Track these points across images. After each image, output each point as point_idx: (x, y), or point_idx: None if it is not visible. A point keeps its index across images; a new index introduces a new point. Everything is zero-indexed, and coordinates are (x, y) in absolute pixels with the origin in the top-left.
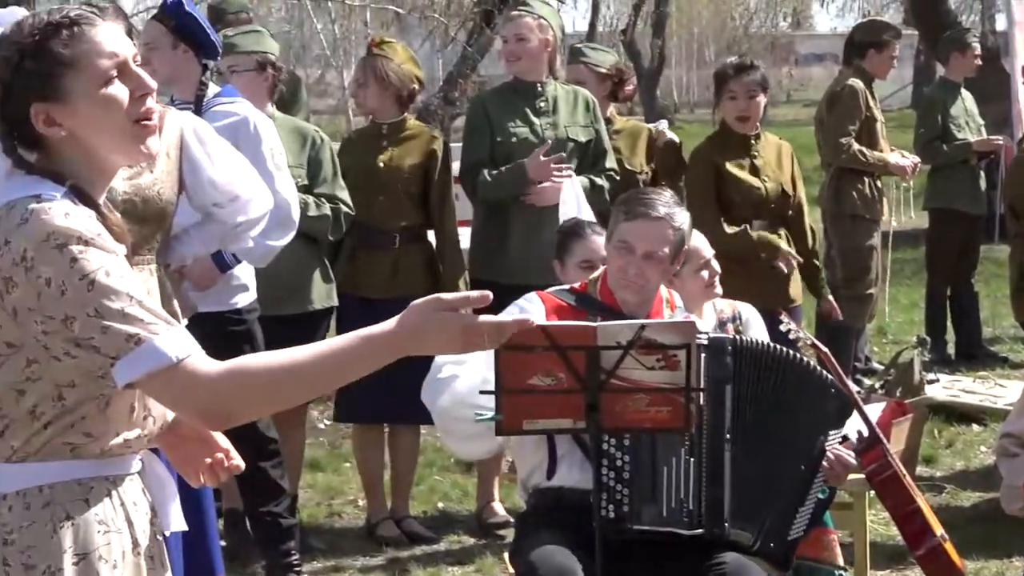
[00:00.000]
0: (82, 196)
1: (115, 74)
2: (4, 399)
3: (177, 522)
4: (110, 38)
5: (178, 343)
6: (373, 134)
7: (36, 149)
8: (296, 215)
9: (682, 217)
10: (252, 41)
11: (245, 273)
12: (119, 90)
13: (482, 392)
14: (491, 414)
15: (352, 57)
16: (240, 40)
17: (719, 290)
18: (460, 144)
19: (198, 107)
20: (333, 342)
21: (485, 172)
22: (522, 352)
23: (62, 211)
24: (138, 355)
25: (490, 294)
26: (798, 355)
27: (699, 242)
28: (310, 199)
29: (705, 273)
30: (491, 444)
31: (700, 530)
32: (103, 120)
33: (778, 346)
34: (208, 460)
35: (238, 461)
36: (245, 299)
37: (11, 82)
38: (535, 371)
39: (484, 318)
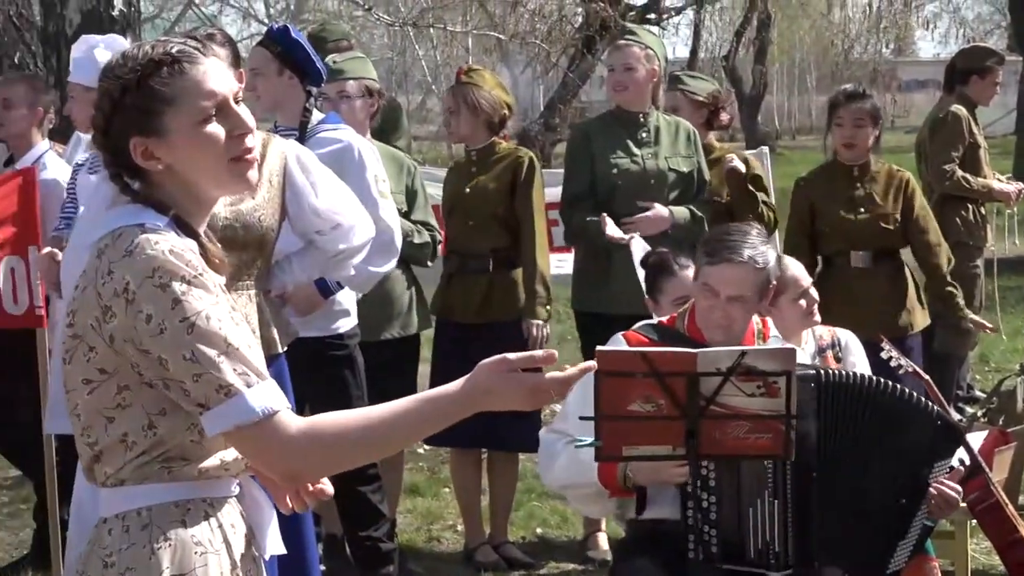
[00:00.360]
0: (183, 226)
1: (213, 113)
2: (94, 425)
3: (275, 546)
4: (210, 76)
5: (268, 398)
6: (466, 161)
7: (138, 178)
8: (399, 242)
9: (766, 256)
10: (359, 67)
11: (347, 299)
12: (216, 129)
13: (582, 418)
14: (590, 439)
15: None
16: (349, 66)
17: (818, 318)
18: (557, 170)
19: (302, 134)
20: (402, 405)
21: (580, 211)
22: (622, 378)
23: (167, 245)
24: (229, 407)
25: (555, 353)
26: (896, 386)
27: (797, 271)
28: (414, 227)
29: (803, 302)
30: (610, 505)
31: (788, 571)
32: (200, 157)
33: (868, 377)
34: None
35: (326, 487)
36: (346, 324)
37: (112, 115)
38: (635, 397)
39: (551, 375)
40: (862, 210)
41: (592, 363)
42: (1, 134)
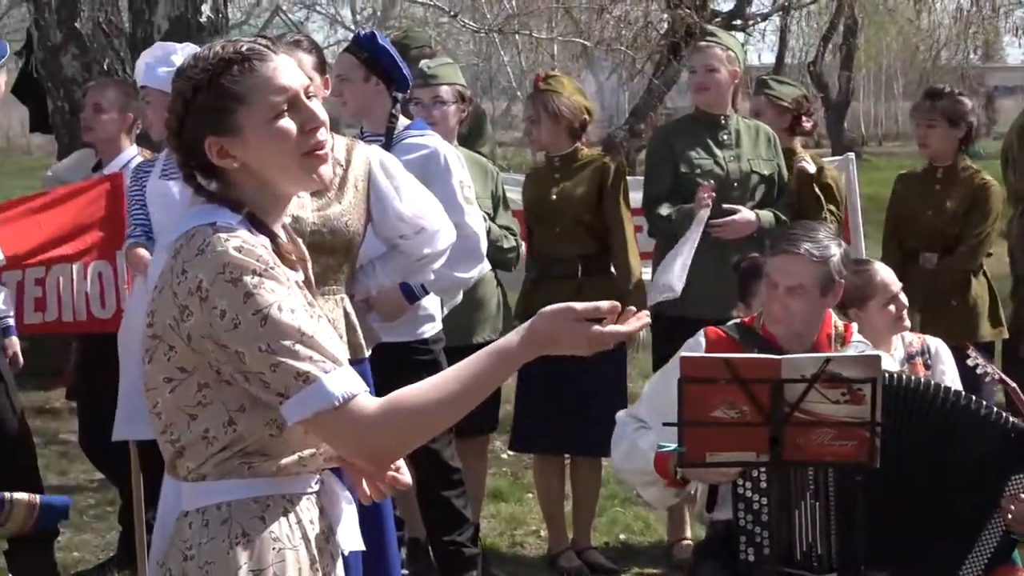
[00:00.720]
0: (258, 223)
1: (285, 108)
2: (177, 422)
3: (354, 542)
4: (281, 72)
5: (346, 382)
6: (548, 167)
7: (213, 178)
8: (484, 248)
9: (826, 250)
10: (451, 72)
11: (432, 304)
12: (288, 124)
13: (665, 424)
14: (673, 445)
15: None
16: (443, 71)
17: (907, 323)
18: (642, 177)
19: (388, 140)
20: (471, 363)
21: (661, 208)
22: (705, 384)
23: (237, 242)
24: (308, 394)
25: (618, 304)
26: (965, 396)
27: (887, 276)
28: (501, 232)
29: (892, 307)
30: (672, 495)
31: (832, 574)
32: (273, 153)
33: (935, 384)
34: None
35: (404, 476)
36: (431, 329)
37: (185, 116)
38: (718, 403)
39: (610, 328)
40: (931, 211)
41: (645, 314)
42: (91, 138)
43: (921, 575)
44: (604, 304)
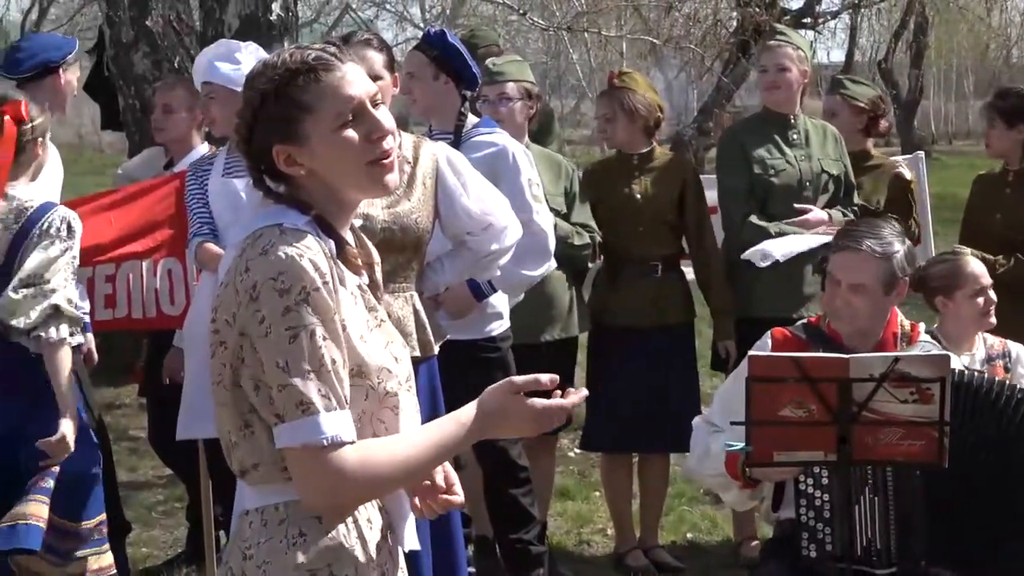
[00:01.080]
0: (325, 226)
1: (350, 118)
2: (232, 426)
3: (411, 540)
4: (347, 81)
5: (341, 426)
6: (624, 165)
7: (282, 182)
8: (552, 246)
9: (888, 248)
10: (518, 70)
11: (499, 301)
12: (353, 133)
13: (733, 423)
14: (740, 444)
15: None
16: (509, 68)
17: (993, 320)
18: (710, 175)
19: (457, 137)
20: (435, 429)
21: (754, 218)
22: (773, 383)
23: (301, 251)
24: (302, 424)
25: (557, 378)
26: None
27: (977, 268)
28: (572, 229)
29: (981, 300)
30: (748, 499)
31: (893, 568)
32: (338, 161)
33: (1001, 382)
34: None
35: (456, 497)
36: (499, 327)
37: (254, 124)
38: (786, 402)
39: (553, 402)
40: (999, 214)
41: (583, 392)
42: (162, 139)
43: (987, 573)
44: (544, 377)
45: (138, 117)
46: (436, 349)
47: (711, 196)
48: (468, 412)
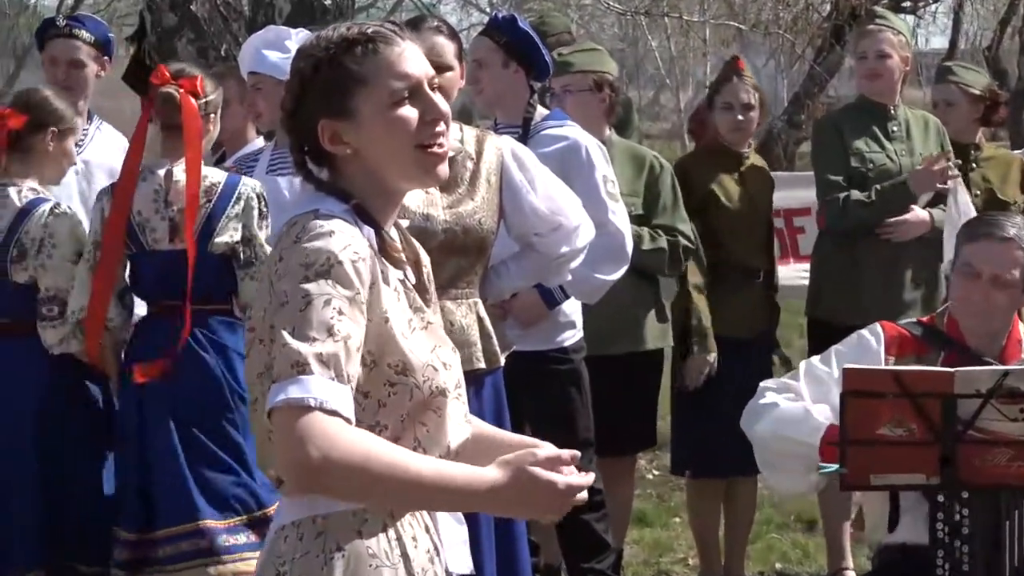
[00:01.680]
0: (365, 216)
1: (406, 95)
2: (264, 427)
3: (461, 564)
4: (406, 58)
5: (334, 394)
6: (722, 163)
7: (324, 165)
8: (629, 247)
9: None
10: (589, 60)
11: (572, 309)
12: (408, 112)
13: (829, 444)
14: (835, 466)
15: (690, 77)
16: (576, 58)
17: None
18: (802, 172)
19: (525, 131)
20: (447, 465)
21: (855, 192)
22: (871, 399)
23: (330, 229)
24: (291, 383)
25: (579, 455)
26: None
27: None
28: (644, 231)
29: None
30: (810, 481)
31: None
32: (388, 141)
33: None
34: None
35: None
36: (572, 337)
37: (302, 96)
38: (884, 420)
39: (575, 479)
40: None
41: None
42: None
43: None
44: (566, 453)
45: None
46: (503, 360)
47: (802, 196)
48: (488, 477)
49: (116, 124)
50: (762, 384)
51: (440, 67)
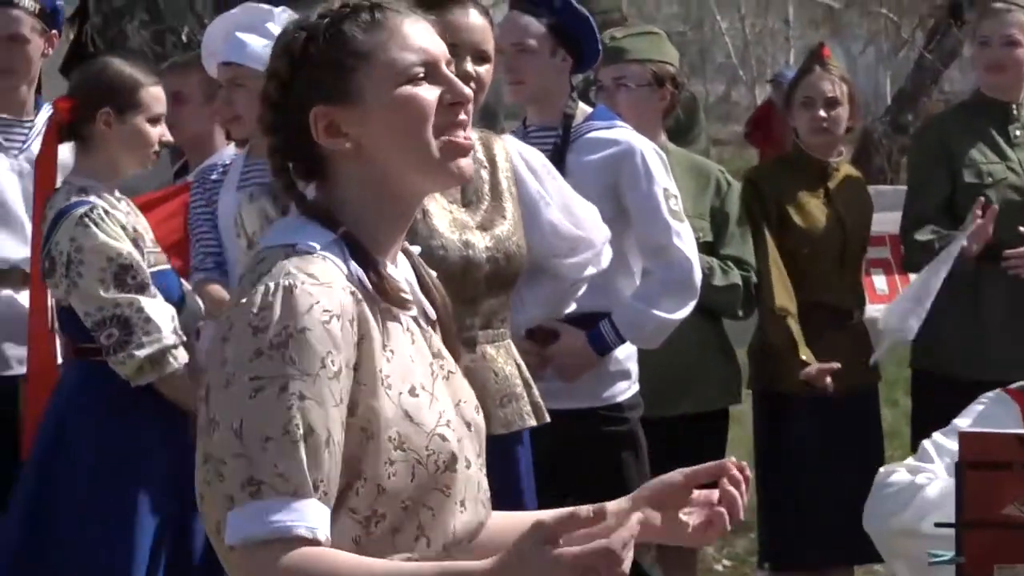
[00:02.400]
0: (357, 248)
1: (421, 73)
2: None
3: None
4: (419, 31)
5: (296, 515)
6: (802, 175)
7: (314, 176)
8: (698, 279)
9: None
10: (647, 46)
11: (625, 355)
12: (426, 92)
13: (937, 524)
14: (949, 554)
15: (767, 68)
16: (631, 44)
17: None
18: (903, 188)
19: (565, 134)
20: (418, 570)
21: (919, 233)
22: (994, 471)
23: (298, 277)
24: (244, 511)
25: (604, 508)
26: None
27: None
28: (715, 263)
29: None
30: None
31: None
32: (401, 129)
33: None
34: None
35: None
36: (626, 391)
37: (292, 78)
38: (1012, 497)
39: (593, 546)
40: None
41: (639, 517)
42: (175, 137)
43: None
44: (583, 510)
45: None
46: (547, 416)
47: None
48: (478, 567)
49: None
50: (883, 470)
51: (480, 56)
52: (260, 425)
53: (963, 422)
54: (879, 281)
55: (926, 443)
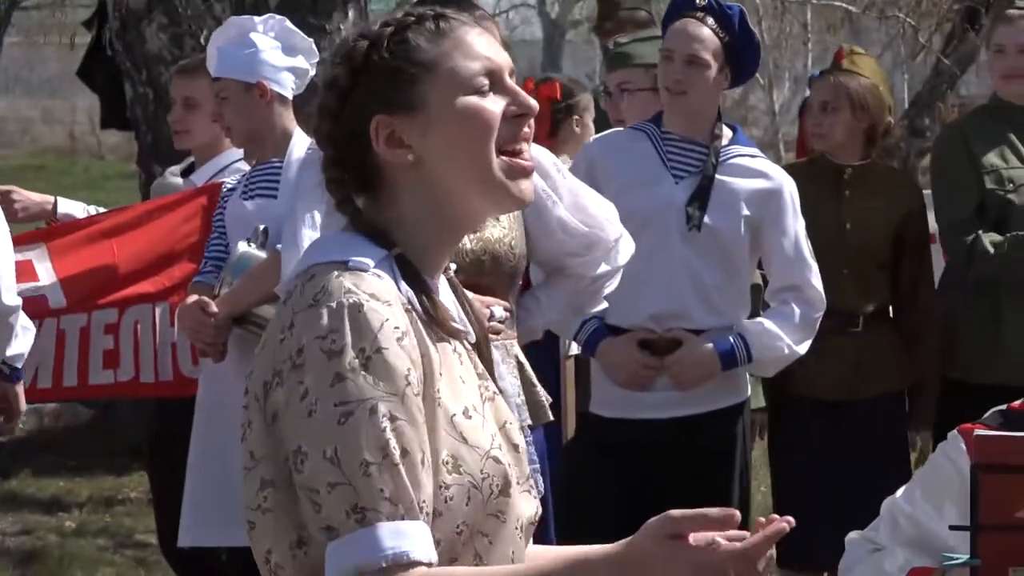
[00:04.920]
0: (408, 270)
1: (486, 84)
2: (275, 541)
3: None
4: (483, 42)
5: (407, 540)
6: (829, 179)
7: (368, 189)
8: (820, 318)
9: None
10: (652, 51)
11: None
12: (492, 103)
13: (952, 527)
14: (964, 557)
15: (785, 72)
16: (635, 49)
17: None
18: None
19: (716, 156)
20: (542, 567)
21: (987, 240)
22: (1009, 474)
23: (363, 297)
24: (356, 539)
25: (736, 513)
26: None
27: None
28: None
29: None
30: None
31: None
32: (463, 140)
33: None
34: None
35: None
36: (743, 393)
37: (352, 87)
38: None
39: (727, 546)
40: None
41: (783, 525)
42: (187, 144)
43: None
44: (714, 511)
45: (150, 111)
46: (550, 415)
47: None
48: (604, 552)
49: (60, 130)
50: (847, 539)
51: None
52: (356, 451)
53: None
54: None
55: (884, 505)
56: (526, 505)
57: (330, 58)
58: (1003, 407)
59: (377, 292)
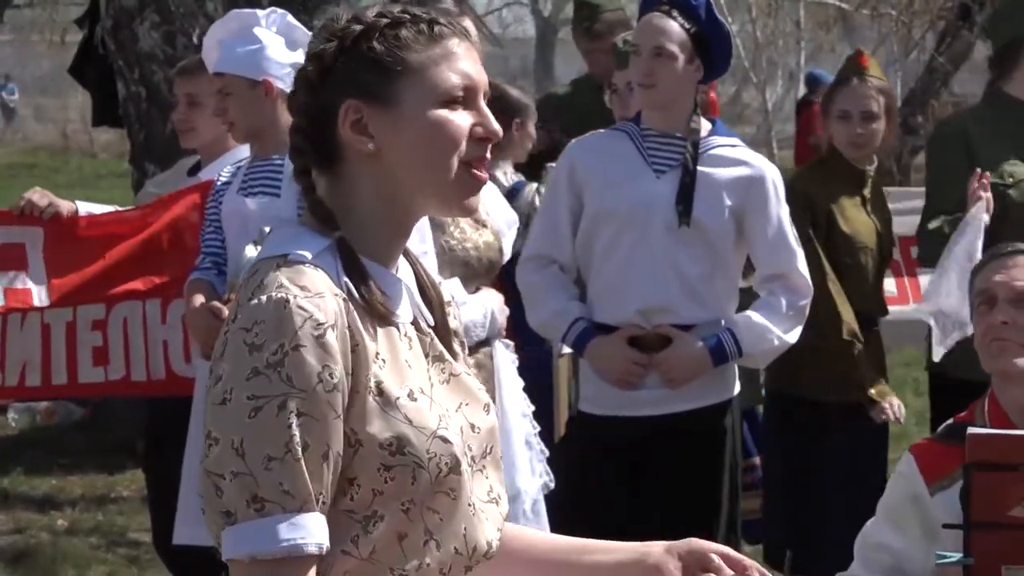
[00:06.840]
0: (348, 256)
1: (461, 96)
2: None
3: None
4: (468, 56)
5: (303, 531)
6: (852, 183)
7: (328, 169)
8: (808, 305)
9: None
10: None
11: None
12: (461, 118)
13: (946, 526)
14: (957, 555)
15: (778, 69)
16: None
17: None
18: (918, 188)
19: (695, 148)
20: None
21: (932, 222)
22: (1002, 472)
23: (291, 290)
24: (253, 527)
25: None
26: None
27: None
28: None
29: None
30: None
31: None
32: (427, 147)
33: None
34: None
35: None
36: (733, 389)
37: (332, 66)
38: (1019, 498)
39: None
40: None
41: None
42: (193, 143)
43: None
44: (734, 553)
45: (143, 109)
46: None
47: (914, 220)
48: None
49: (53, 129)
50: (856, 544)
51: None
52: (261, 444)
53: (880, 504)
54: (888, 283)
55: (856, 541)
56: (485, 482)
57: (319, 32)
58: (950, 420)
59: (309, 285)
